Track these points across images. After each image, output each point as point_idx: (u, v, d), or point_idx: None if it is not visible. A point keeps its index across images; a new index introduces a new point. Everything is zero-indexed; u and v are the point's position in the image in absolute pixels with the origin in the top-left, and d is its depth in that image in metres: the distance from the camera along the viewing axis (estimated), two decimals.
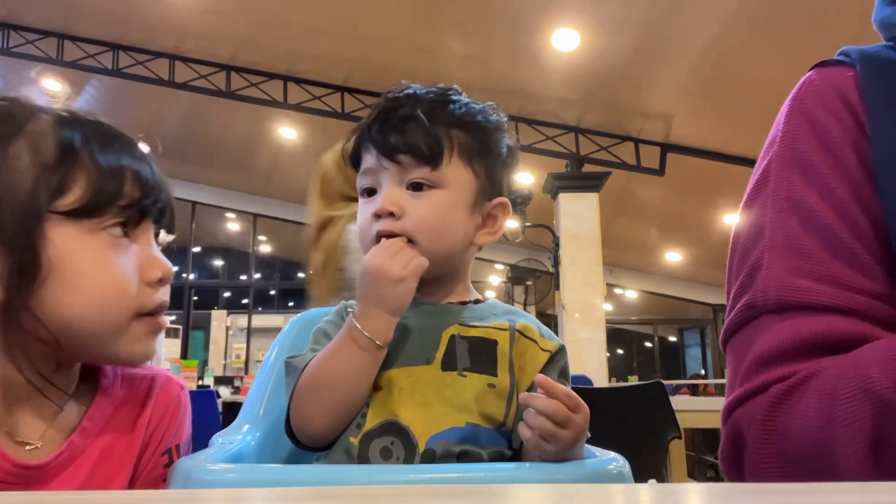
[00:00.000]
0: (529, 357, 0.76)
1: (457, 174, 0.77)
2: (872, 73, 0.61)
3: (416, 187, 0.75)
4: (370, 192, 0.78)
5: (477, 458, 0.70)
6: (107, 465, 0.67)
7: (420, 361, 0.72)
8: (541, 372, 0.75)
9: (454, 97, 0.80)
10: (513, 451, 0.73)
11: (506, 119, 0.83)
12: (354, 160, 0.81)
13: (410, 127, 0.75)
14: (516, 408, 0.72)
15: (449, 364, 0.72)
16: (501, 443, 0.72)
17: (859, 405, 0.48)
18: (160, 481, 0.71)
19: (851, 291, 0.55)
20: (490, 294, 1.02)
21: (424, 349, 0.73)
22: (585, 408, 0.65)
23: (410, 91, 0.79)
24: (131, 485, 0.69)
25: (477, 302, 0.80)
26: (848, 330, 0.54)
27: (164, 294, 0.69)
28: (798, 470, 0.51)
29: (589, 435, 0.67)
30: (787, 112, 0.65)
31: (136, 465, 0.70)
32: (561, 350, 0.78)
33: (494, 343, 0.75)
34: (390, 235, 0.74)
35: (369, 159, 0.78)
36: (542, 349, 0.77)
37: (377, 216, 0.75)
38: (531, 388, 0.73)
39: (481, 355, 0.73)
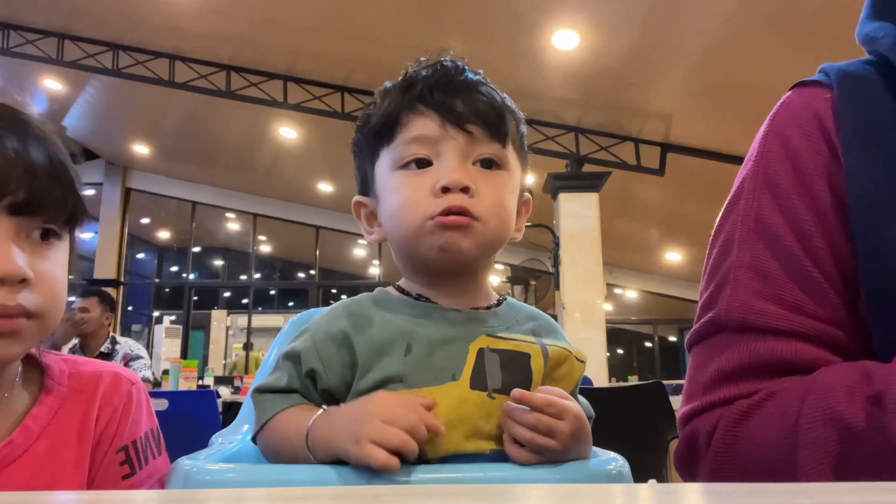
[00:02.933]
0: (566, 370, 0.71)
1: (513, 157, 0.71)
2: (848, 96, 0.62)
3: (487, 164, 0.68)
4: (421, 162, 0.68)
5: None
6: (54, 465, 0.65)
7: (445, 379, 0.64)
8: (577, 383, 0.72)
9: (481, 75, 0.73)
10: None
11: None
12: (388, 129, 0.70)
13: (477, 96, 0.68)
14: None
15: (477, 382, 0.64)
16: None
17: (825, 429, 0.50)
18: (118, 480, 0.69)
19: (809, 317, 0.58)
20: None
21: (450, 364, 0.65)
22: (573, 411, 0.63)
23: (449, 62, 0.71)
24: (88, 485, 0.67)
25: (498, 304, 0.74)
26: (805, 355, 0.57)
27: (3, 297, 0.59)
28: (757, 481, 0.54)
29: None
30: (764, 132, 0.67)
31: (90, 463, 0.68)
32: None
33: (527, 357, 0.68)
34: (461, 212, 0.65)
35: (427, 125, 0.68)
36: (579, 360, 0.72)
37: (445, 189, 0.65)
38: None
39: (513, 371, 0.66)
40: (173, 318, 9.92)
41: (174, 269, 13.62)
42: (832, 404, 0.50)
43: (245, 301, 12.03)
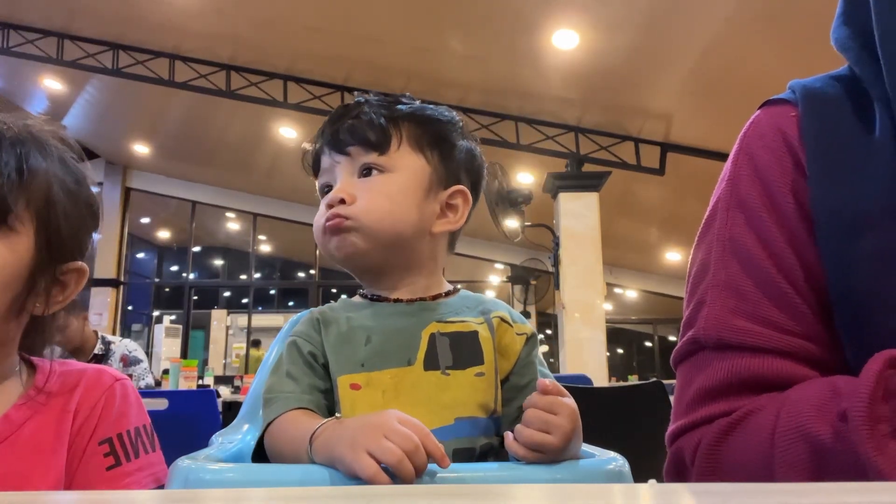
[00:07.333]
0: (507, 342, 0.77)
1: (407, 160, 0.79)
2: (812, 113, 0.63)
3: (367, 172, 0.78)
4: (328, 189, 0.81)
5: (469, 454, 0.70)
6: (34, 456, 0.67)
7: (401, 363, 0.72)
8: (520, 355, 0.78)
9: (404, 100, 0.84)
10: (499, 436, 0.72)
11: (459, 120, 0.85)
12: (314, 168, 0.85)
13: (357, 123, 0.80)
14: (501, 392, 0.75)
15: (431, 363, 0.72)
16: (491, 431, 0.73)
17: (798, 448, 0.51)
18: (102, 471, 0.70)
19: (784, 333, 0.59)
20: (490, 293, 1.05)
21: (405, 351, 0.73)
22: (568, 407, 0.63)
23: (360, 99, 0.84)
24: (68, 475, 0.68)
25: (449, 294, 0.81)
26: (782, 370, 0.58)
27: None
28: None
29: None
30: (735, 151, 0.68)
31: (70, 454, 0.69)
32: (534, 335, 0.80)
33: (475, 333, 0.75)
34: (338, 221, 0.76)
35: (325, 160, 0.82)
36: (518, 333, 0.79)
37: (330, 206, 0.77)
38: (511, 373, 0.76)
39: (464, 348, 0.74)
40: (173, 317, 9.93)
41: (174, 268, 13.63)
42: (803, 422, 0.51)
43: (245, 301, 12.03)
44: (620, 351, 14.72)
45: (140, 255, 13.17)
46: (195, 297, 11.58)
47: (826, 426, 0.50)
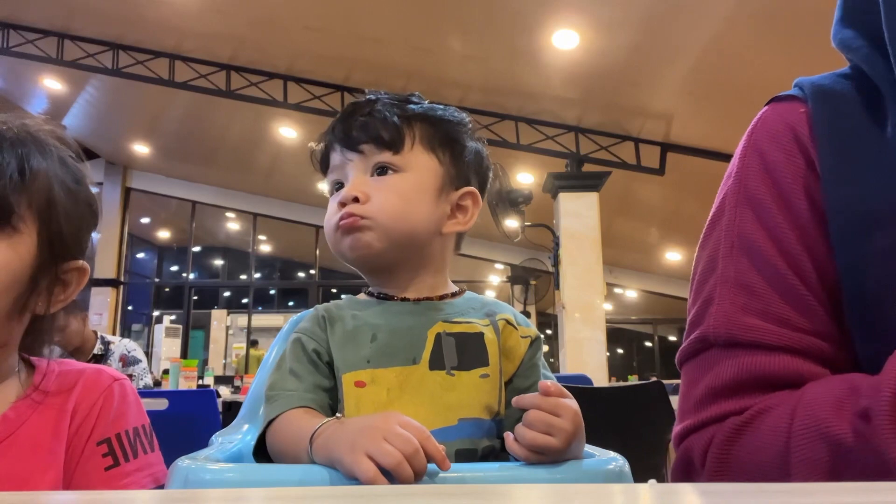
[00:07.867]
0: (512, 344, 0.78)
1: (420, 159, 0.79)
2: (823, 110, 0.62)
3: (381, 171, 0.78)
4: (339, 186, 0.81)
5: (471, 455, 0.70)
6: (32, 456, 0.67)
7: (407, 361, 0.72)
8: (524, 358, 0.78)
9: (414, 99, 0.84)
10: (500, 439, 0.72)
11: (469, 121, 0.86)
12: (323, 164, 0.84)
13: (370, 120, 0.79)
14: (506, 394, 0.75)
15: (436, 363, 0.72)
16: (493, 433, 0.73)
17: (816, 446, 0.50)
18: (101, 471, 0.70)
19: (796, 331, 0.58)
20: (490, 294, 1.04)
21: (411, 349, 0.73)
22: (571, 409, 0.63)
23: (372, 96, 0.84)
24: (66, 475, 0.68)
25: (455, 294, 0.81)
26: (793, 368, 0.57)
27: None
28: None
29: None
30: (743, 148, 0.67)
31: (68, 454, 0.69)
32: (539, 338, 0.80)
33: (480, 335, 0.76)
34: (353, 220, 0.75)
35: (336, 157, 0.81)
36: (522, 336, 0.79)
37: (342, 204, 0.77)
38: (515, 375, 0.76)
39: (469, 349, 0.74)
40: (173, 317, 9.93)
41: (174, 268, 13.63)
42: (821, 421, 0.51)
43: (245, 301, 12.04)
44: (620, 351, 14.73)
45: (140, 255, 13.17)
46: (195, 297, 11.58)
47: (846, 424, 0.49)
